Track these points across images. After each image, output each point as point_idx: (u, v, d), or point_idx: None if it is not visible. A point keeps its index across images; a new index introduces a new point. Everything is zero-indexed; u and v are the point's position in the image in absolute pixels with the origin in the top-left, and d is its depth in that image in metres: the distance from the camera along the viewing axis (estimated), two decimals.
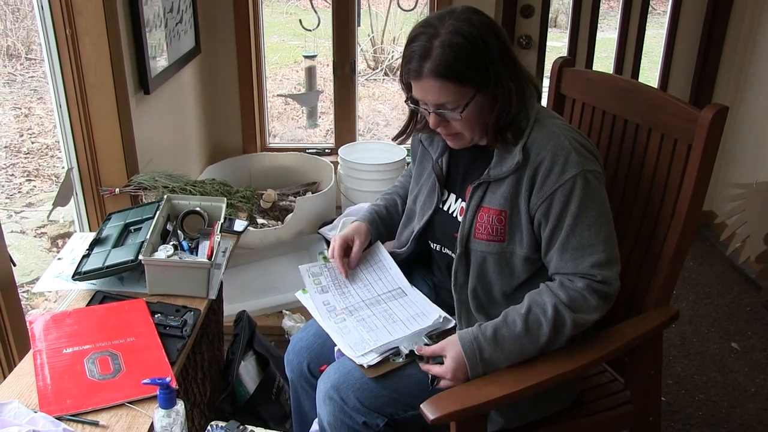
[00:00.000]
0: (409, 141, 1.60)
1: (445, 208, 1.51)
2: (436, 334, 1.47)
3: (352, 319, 1.51)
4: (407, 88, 1.39)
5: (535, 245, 1.39)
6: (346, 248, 1.62)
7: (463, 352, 1.33)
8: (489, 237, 1.39)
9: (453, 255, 1.46)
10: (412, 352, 1.42)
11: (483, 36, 1.28)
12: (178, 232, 1.73)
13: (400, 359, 1.41)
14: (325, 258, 1.66)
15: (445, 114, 1.34)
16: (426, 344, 1.43)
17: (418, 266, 1.67)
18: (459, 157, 1.49)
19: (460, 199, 1.48)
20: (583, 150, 1.34)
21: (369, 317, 1.51)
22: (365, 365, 1.39)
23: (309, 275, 1.62)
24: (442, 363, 1.36)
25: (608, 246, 1.34)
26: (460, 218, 1.45)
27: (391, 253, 1.64)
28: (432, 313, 1.51)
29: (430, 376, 1.37)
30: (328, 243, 2.76)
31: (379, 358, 1.40)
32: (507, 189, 1.37)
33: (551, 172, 1.32)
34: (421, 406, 1.27)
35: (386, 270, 1.62)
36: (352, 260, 1.62)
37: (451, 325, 1.49)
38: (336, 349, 1.47)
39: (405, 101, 1.42)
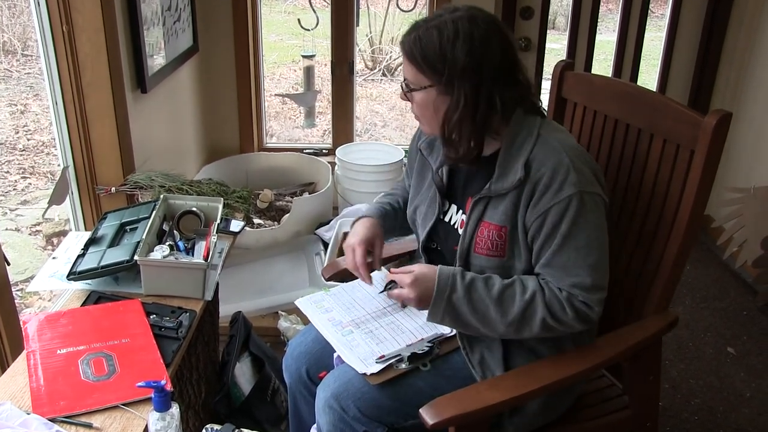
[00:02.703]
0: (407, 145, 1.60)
1: (446, 219, 1.49)
2: (438, 341, 1.46)
3: (360, 331, 1.49)
4: None
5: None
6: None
7: (437, 282, 1.34)
8: (489, 252, 1.38)
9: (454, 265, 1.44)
10: (414, 355, 1.41)
11: (455, 42, 1.28)
12: (174, 232, 1.72)
13: (403, 365, 1.40)
14: (326, 289, 1.64)
15: (406, 90, 1.38)
16: (427, 350, 1.42)
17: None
18: (460, 167, 1.47)
19: (461, 211, 1.47)
20: (585, 170, 1.32)
21: (377, 329, 1.50)
22: (368, 373, 1.38)
23: (310, 303, 1.60)
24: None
25: (595, 272, 1.32)
26: (460, 231, 1.43)
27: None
28: None
29: (386, 284, 1.41)
30: (324, 244, 2.75)
31: (382, 366, 1.39)
32: (508, 205, 1.35)
33: (548, 189, 1.30)
34: (420, 410, 1.26)
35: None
36: (376, 263, 1.57)
37: (454, 332, 1.48)
38: (335, 355, 1.46)
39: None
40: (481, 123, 1.33)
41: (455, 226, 1.47)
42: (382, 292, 1.49)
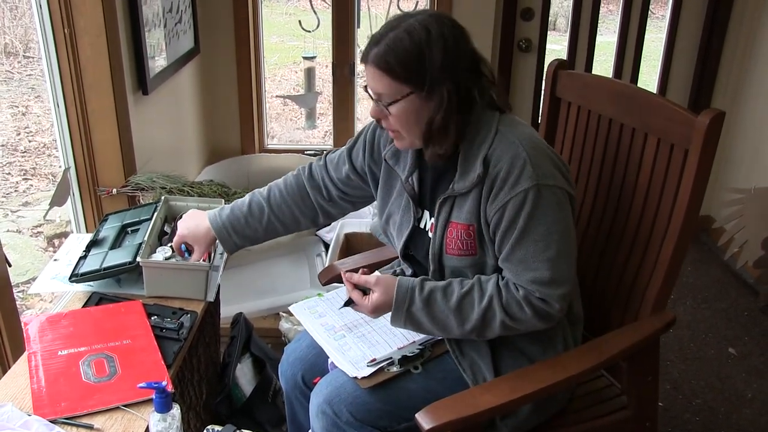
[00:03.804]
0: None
1: (422, 226, 1.48)
2: (430, 344, 1.47)
3: (352, 335, 1.50)
4: None
5: None
6: None
7: (395, 297, 1.34)
8: (461, 252, 1.37)
9: (429, 269, 1.44)
10: (405, 358, 1.41)
11: (429, 42, 1.27)
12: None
13: (394, 368, 1.41)
14: (320, 294, 1.64)
15: (382, 106, 1.33)
16: (418, 353, 1.43)
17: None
18: (427, 172, 1.46)
19: (431, 215, 1.45)
20: (543, 163, 1.31)
21: (369, 333, 1.50)
22: (359, 376, 1.38)
23: (304, 309, 1.60)
24: (366, 294, 1.38)
25: (555, 265, 1.30)
26: (430, 234, 1.43)
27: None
28: None
29: (345, 301, 1.41)
30: (326, 245, 2.76)
31: (373, 369, 1.40)
32: (472, 203, 1.35)
33: (505, 184, 1.30)
34: (416, 415, 1.25)
35: None
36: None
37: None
38: (330, 360, 1.46)
39: (364, 87, 1.39)
40: (461, 117, 1.33)
41: (427, 232, 1.45)
42: (342, 308, 1.47)
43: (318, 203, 1.63)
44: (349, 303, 1.41)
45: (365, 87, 1.37)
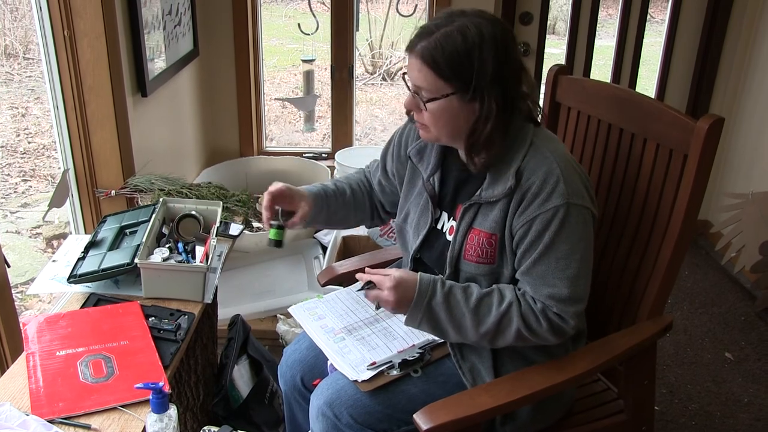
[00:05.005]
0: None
1: (439, 227, 1.48)
2: (430, 347, 1.47)
3: (352, 338, 1.49)
4: None
5: None
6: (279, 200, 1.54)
7: (419, 287, 1.33)
8: (479, 259, 1.38)
9: (443, 273, 1.44)
10: (405, 361, 1.41)
11: (482, 46, 1.25)
12: (174, 235, 1.72)
13: (394, 372, 1.41)
14: (319, 296, 1.64)
15: (419, 99, 1.31)
16: (418, 356, 1.43)
17: None
18: (450, 174, 1.46)
19: (451, 218, 1.46)
20: (575, 182, 1.32)
21: (369, 335, 1.50)
22: (359, 380, 1.38)
23: (303, 310, 1.60)
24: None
25: (573, 283, 1.31)
26: (448, 237, 1.43)
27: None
28: None
29: (364, 283, 1.38)
30: (323, 248, 2.76)
31: (373, 372, 1.40)
32: (498, 212, 1.35)
33: (536, 198, 1.30)
34: (414, 416, 1.26)
35: None
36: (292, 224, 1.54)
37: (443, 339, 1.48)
38: (329, 362, 1.46)
39: (402, 75, 1.38)
40: (508, 127, 1.32)
41: (445, 233, 1.46)
42: (360, 290, 1.45)
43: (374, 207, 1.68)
44: (366, 287, 1.37)
45: (404, 75, 1.35)
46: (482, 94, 1.27)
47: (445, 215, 1.47)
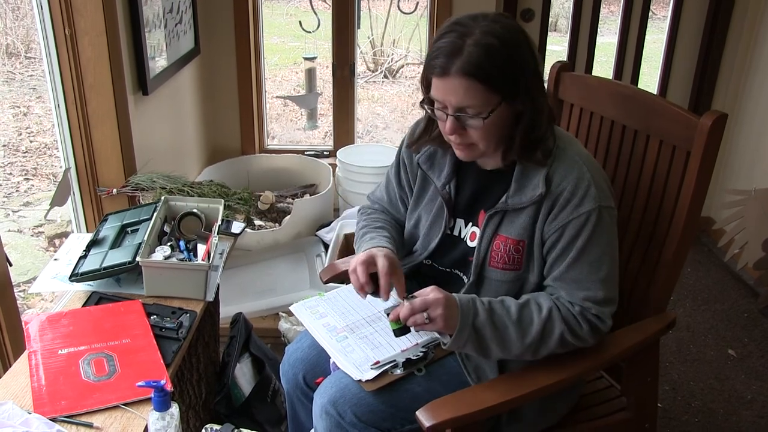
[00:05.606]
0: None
1: (456, 233, 1.47)
2: (433, 346, 1.46)
3: (355, 336, 1.48)
4: (427, 88, 1.31)
5: None
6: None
7: (461, 308, 1.28)
8: (505, 266, 1.37)
9: (464, 278, 1.43)
10: (408, 360, 1.41)
11: (517, 42, 1.24)
12: (176, 233, 1.72)
13: (398, 371, 1.40)
14: (320, 294, 1.64)
15: (464, 119, 1.26)
16: (422, 355, 1.42)
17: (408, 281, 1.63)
18: (466, 181, 1.45)
19: (470, 224, 1.44)
20: (603, 184, 1.32)
21: (371, 334, 1.49)
22: (363, 379, 1.38)
23: (305, 309, 1.59)
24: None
25: (606, 285, 1.32)
26: (470, 243, 1.42)
27: None
28: None
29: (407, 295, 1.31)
30: (325, 245, 2.76)
31: (377, 372, 1.39)
32: (526, 219, 1.33)
33: (569, 204, 1.29)
34: (417, 413, 1.25)
35: None
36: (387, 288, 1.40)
37: (447, 339, 1.47)
38: (332, 361, 1.46)
39: (420, 103, 1.33)
40: (550, 116, 1.32)
41: (465, 240, 1.45)
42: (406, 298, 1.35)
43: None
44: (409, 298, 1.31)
45: (422, 102, 1.30)
46: (529, 93, 1.26)
47: (461, 221, 1.46)
